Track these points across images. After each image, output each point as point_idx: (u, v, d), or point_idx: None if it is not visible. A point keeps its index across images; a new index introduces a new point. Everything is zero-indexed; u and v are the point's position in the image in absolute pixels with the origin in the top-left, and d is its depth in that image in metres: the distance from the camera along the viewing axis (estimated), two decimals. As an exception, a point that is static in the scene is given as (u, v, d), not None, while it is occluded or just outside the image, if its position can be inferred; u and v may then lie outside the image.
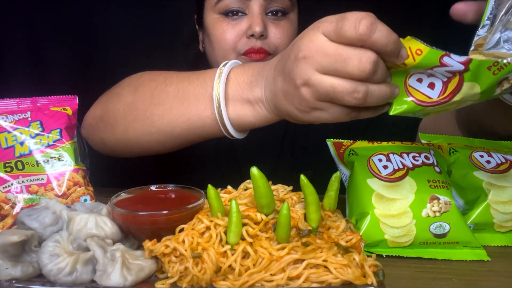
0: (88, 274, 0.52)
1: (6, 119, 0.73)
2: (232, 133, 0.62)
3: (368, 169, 0.66)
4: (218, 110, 0.60)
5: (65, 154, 0.73)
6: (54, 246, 0.53)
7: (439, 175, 0.66)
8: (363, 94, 0.49)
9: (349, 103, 0.50)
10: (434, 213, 0.62)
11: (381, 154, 0.67)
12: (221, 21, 0.90)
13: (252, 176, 0.54)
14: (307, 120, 0.55)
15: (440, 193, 0.63)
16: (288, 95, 0.54)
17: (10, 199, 0.69)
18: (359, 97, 0.49)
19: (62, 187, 0.72)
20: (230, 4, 0.88)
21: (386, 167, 0.66)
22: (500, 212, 0.66)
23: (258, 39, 0.88)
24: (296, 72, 0.51)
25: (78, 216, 0.57)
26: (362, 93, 0.49)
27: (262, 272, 0.51)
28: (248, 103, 0.60)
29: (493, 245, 0.65)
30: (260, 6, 0.87)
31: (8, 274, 0.51)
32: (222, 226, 0.54)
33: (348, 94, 0.49)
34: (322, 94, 0.50)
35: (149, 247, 0.54)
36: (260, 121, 0.61)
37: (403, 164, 0.66)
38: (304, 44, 0.50)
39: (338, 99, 0.50)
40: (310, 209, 0.55)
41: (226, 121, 0.61)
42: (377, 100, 0.50)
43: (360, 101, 0.49)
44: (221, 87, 0.60)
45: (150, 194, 0.63)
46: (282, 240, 0.53)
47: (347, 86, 0.49)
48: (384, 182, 0.64)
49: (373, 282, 0.51)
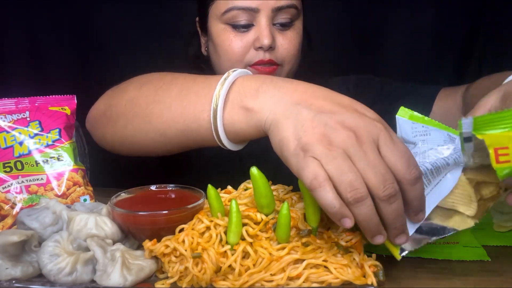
0: (88, 274, 0.52)
1: (5, 119, 0.73)
2: (223, 141, 0.59)
3: None
4: (214, 111, 0.57)
5: (64, 154, 0.73)
6: (54, 246, 0.53)
7: None
8: (360, 197, 0.45)
9: (341, 190, 0.46)
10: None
11: None
12: (228, 31, 0.89)
13: (252, 176, 0.54)
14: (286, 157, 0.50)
15: None
16: (303, 131, 0.49)
17: (10, 199, 0.69)
18: (355, 195, 0.45)
19: (61, 187, 0.72)
20: (237, 15, 0.87)
21: None
22: (500, 212, 0.66)
23: (267, 51, 0.89)
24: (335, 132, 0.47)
25: (78, 216, 0.57)
26: (360, 195, 0.45)
27: (262, 272, 0.51)
28: (244, 110, 0.56)
29: (493, 245, 0.65)
30: (267, 18, 0.87)
31: (8, 274, 0.51)
32: (222, 226, 0.54)
33: (351, 185, 0.45)
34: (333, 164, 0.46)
35: (149, 247, 0.54)
36: (251, 129, 0.56)
37: None
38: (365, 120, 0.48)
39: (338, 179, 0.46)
40: (310, 209, 0.55)
41: (219, 123, 0.57)
42: (360, 216, 0.46)
43: (351, 199, 0.45)
44: (224, 88, 0.57)
45: (150, 194, 0.63)
46: (282, 240, 0.53)
47: (358, 181, 0.46)
48: None
49: (373, 282, 0.51)
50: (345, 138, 0.47)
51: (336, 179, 0.46)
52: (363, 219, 0.47)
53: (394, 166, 0.46)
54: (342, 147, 0.46)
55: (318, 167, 0.46)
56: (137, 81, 0.73)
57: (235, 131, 0.58)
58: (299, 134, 0.49)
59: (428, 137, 0.56)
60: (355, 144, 0.46)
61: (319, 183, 0.45)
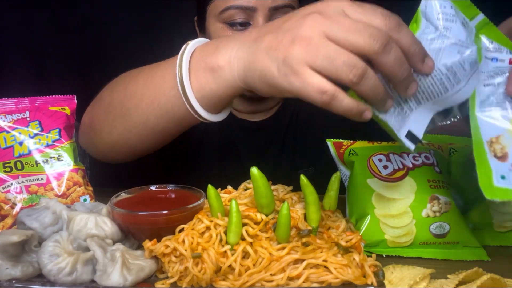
0: (88, 274, 0.52)
1: (5, 119, 0.73)
2: (198, 110, 0.57)
3: (368, 169, 0.66)
4: (180, 82, 0.56)
5: (64, 154, 0.73)
6: (54, 246, 0.53)
7: (439, 175, 0.66)
8: (361, 72, 0.44)
9: (342, 77, 0.45)
10: (434, 213, 0.62)
11: (381, 154, 0.67)
12: (226, 30, 0.89)
13: (252, 176, 0.54)
14: (275, 84, 0.49)
15: (440, 193, 0.63)
16: (274, 51, 0.48)
17: (10, 199, 0.69)
18: (357, 73, 0.44)
19: (61, 187, 0.72)
20: (235, 14, 0.87)
21: (386, 167, 0.66)
22: (500, 213, 0.66)
23: None
24: (302, 26, 0.46)
25: (78, 216, 0.57)
26: (361, 70, 0.44)
27: (262, 272, 0.51)
28: (210, 70, 0.55)
29: (493, 245, 0.65)
30: (264, 17, 0.87)
31: (8, 274, 0.51)
32: (222, 226, 0.54)
33: (348, 65, 0.44)
34: (319, 57, 0.45)
35: (149, 247, 0.54)
36: (222, 87, 0.55)
37: (403, 164, 0.66)
38: (323, 3, 0.47)
39: (333, 68, 0.45)
40: (310, 209, 0.55)
41: (188, 92, 0.56)
42: (369, 91, 0.46)
43: (355, 79, 0.44)
44: (185, 57, 0.56)
45: (150, 194, 0.63)
46: (282, 240, 0.53)
47: (350, 57, 0.44)
48: (384, 182, 0.64)
49: (373, 282, 0.51)
50: (313, 23, 0.46)
51: (331, 68, 0.45)
52: (372, 92, 0.46)
53: (371, 21, 0.45)
54: (316, 34, 0.45)
55: (317, 79, 0.45)
56: (108, 87, 0.74)
57: (206, 96, 0.56)
58: (273, 56, 0.48)
59: (454, 24, 0.51)
60: (325, 22, 0.45)
61: (330, 96, 0.45)
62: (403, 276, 0.52)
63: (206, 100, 0.57)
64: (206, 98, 0.57)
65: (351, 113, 0.47)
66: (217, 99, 0.57)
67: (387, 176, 0.65)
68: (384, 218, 0.62)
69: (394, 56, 0.45)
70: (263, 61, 0.49)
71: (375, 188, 0.64)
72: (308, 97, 0.47)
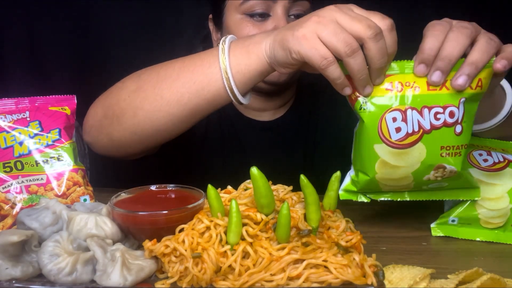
0: (88, 274, 0.52)
1: (5, 119, 0.73)
2: (232, 85, 0.66)
3: (377, 132, 0.62)
4: (222, 57, 0.66)
5: (64, 154, 0.73)
6: (54, 246, 0.53)
7: (456, 138, 0.61)
8: (354, 49, 0.57)
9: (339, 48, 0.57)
10: (436, 177, 0.63)
11: (398, 111, 0.61)
12: (246, 21, 0.90)
13: (252, 176, 0.54)
14: (290, 47, 0.60)
15: (448, 163, 0.61)
16: (293, 26, 0.61)
17: (10, 199, 0.69)
18: (351, 48, 0.57)
19: (61, 187, 0.72)
20: (255, 5, 0.89)
21: (399, 130, 0.61)
22: (486, 208, 0.67)
23: None
24: (319, 11, 0.60)
25: (78, 216, 0.57)
26: (354, 47, 0.57)
27: (262, 272, 0.51)
28: (245, 49, 0.66)
29: (480, 239, 0.67)
30: (284, 8, 0.89)
31: (8, 274, 0.51)
32: (222, 226, 0.54)
33: (345, 41, 0.57)
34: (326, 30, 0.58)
35: (149, 247, 0.54)
36: (254, 63, 0.65)
37: (420, 125, 0.61)
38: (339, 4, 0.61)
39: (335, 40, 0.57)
40: (310, 209, 0.55)
41: (227, 65, 0.65)
42: (355, 65, 0.58)
43: (348, 52, 0.57)
44: (228, 40, 0.67)
45: (150, 194, 0.63)
46: (282, 240, 0.53)
47: (349, 37, 0.57)
48: (391, 149, 0.61)
49: (373, 282, 0.51)
50: (327, 10, 0.60)
51: (333, 40, 0.57)
52: (357, 70, 0.58)
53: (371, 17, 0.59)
54: (328, 16, 0.59)
55: (322, 46, 0.58)
56: (131, 77, 0.75)
57: (241, 71, 0.66)
58: (292, 28, 0.61)
59: None
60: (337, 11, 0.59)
61: (328, 62, 0.58)
62: (403, 276, 0.52)
63: (239, 76, 0.66)
64: (240, 74, 0.66)
65: (337, 81, 0.60)
66: (248, 76, 0.66)
67: (396, 141, 0.61)
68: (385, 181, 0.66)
69: (380, 45, 0.58)
70: (284, 33, 0.62)
71: (380, 155, 0.62)
72: (311, 59, 0.58)
